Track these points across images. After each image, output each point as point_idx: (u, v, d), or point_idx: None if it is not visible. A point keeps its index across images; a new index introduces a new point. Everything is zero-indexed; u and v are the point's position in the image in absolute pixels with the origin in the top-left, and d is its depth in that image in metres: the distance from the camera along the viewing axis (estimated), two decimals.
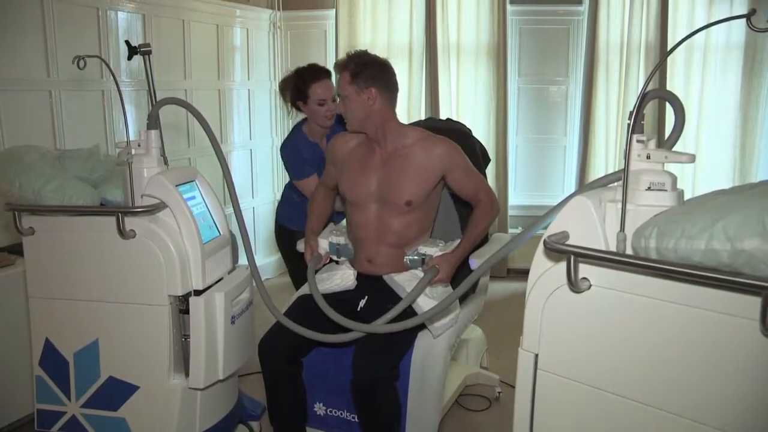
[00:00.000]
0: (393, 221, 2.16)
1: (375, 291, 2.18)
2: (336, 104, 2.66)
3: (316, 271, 2.26)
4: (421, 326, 2.08)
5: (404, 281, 2.16)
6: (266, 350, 2.08)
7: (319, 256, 2.29)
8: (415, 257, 2.19)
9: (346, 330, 1.99)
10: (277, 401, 2.13)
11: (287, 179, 2.93)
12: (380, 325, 1.96)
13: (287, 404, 2.13)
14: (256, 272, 2.15)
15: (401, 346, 2.07)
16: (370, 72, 2.09)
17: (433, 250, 2.18)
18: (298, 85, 2.70)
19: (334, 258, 2.33)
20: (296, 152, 2.77)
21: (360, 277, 2.24)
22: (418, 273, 2.17)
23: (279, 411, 2.14)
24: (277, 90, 2.94)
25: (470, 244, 2.16)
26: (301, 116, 2.85)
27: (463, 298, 2.36)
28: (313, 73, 2.71)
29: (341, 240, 2.30)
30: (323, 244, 2.32)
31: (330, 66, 2.65)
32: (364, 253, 2.22)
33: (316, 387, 2.21)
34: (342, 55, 2.16)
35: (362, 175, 2.18)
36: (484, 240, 2.40)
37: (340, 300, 2.14)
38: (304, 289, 2.29)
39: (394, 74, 2.16)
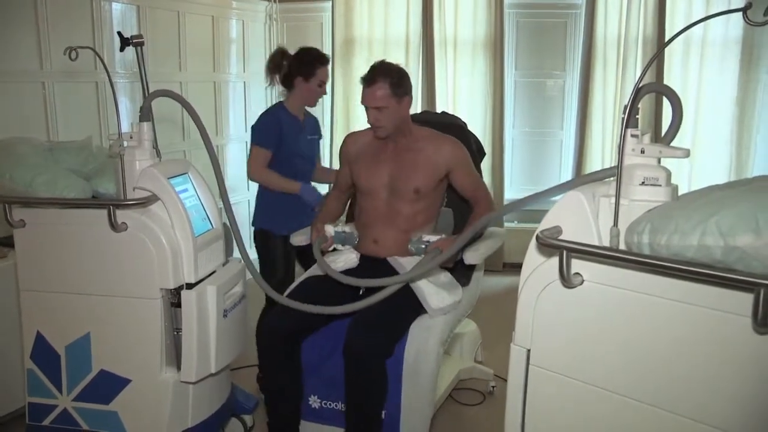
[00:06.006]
0: (402, 207, 2.29)
1: (378, 273, 2.17)
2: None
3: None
4: (421, 309, 2.14)
5: (408, 264, 2.20)
6: (264, 331, 2.13)
7: (324, 236, 2.34)
8: (419, 244, 2.25)
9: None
10: (273, 382, 2.17)
11: None
12: (385, 280, 1.97)
13: (285, 382, 2.15)
14: (246, 258, 2.13)
15: (397, 327, 2.11)
16: (405, 81, 2.23)
17: (435, 238, 2.24)
18: (307, 62, 2.78)
19: (339, 246, 2.37)
20: (274, 121, 2.78)
21: (363, 258, 2.30)
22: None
23: (275, 392, 2.17)
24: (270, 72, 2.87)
25: (471, 234, 2.11)
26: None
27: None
28: (322, 56, 2.84)
29: (346, 229, 2.39)
30: (329, 230, 2.37)
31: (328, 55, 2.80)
32: (372, 234, 2.31)
33: (311, 380, 2.21)
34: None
35: (375, 166, 2.32)
36: (479, 234, 2.41)
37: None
38: (309, 272, 2.39)
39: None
